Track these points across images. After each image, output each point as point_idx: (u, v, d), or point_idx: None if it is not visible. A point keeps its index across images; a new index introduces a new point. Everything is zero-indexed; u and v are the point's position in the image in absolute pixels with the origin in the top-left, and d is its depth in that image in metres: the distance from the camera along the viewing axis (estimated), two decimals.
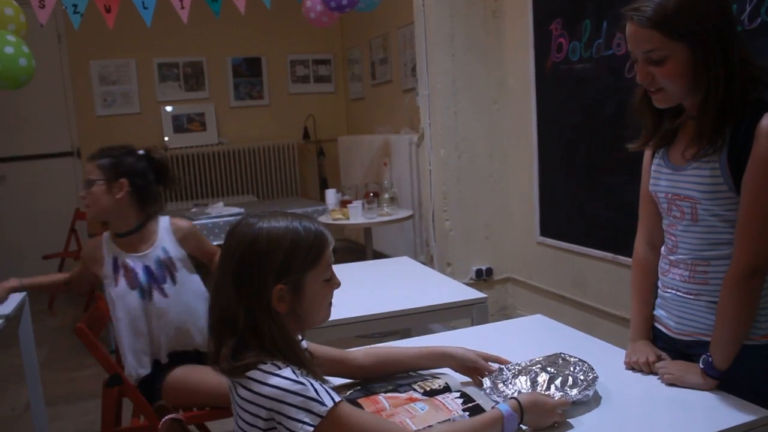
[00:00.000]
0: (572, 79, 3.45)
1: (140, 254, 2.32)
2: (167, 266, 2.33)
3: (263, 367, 1.14)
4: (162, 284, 2.30)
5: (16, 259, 5.90)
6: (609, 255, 3.27)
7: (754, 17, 2.37)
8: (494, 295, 4.23)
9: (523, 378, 1.45)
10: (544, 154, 3.80)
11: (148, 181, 2.31)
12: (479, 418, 1.27)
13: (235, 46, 6.70)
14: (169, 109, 6.61)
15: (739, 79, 1.38)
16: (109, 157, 2.26)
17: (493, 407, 1.30)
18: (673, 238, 1.56)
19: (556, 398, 1.36)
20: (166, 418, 1.35)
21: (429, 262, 4.41)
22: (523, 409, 1.27)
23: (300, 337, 1.35)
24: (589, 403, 1.41)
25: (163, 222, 2.38)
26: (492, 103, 4.13)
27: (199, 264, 2.46)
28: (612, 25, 3.10)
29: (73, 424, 3.31)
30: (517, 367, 1.51)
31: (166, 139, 6.58)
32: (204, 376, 2.25)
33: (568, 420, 1.34)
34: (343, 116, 7.27)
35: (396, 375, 1.59)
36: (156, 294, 2.29)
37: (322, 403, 1.11)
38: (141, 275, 2.29)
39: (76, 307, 5.38)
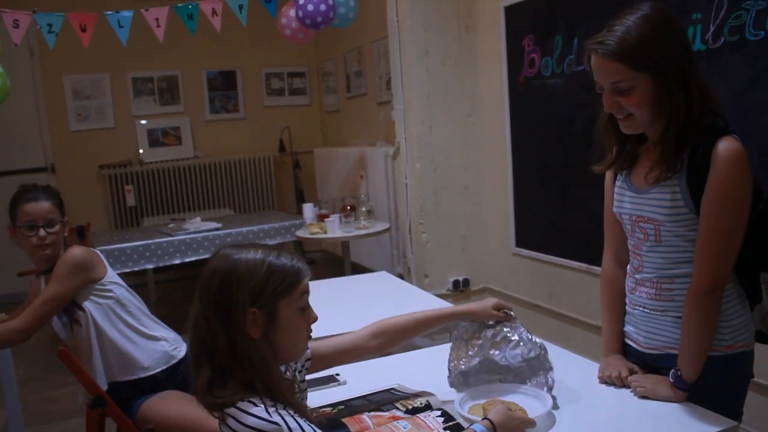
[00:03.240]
0: (545, 94, 3.52)
1: None
2: None
3: (240, 405, 1.16)
4: (73, 315, 2.27)
5: None
6: (583, 265, 3.35)
7: (718, 37, 2.46)
8: None
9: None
10: (518, 167, 3.87)
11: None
12: None
13: (209, 59, 6.70)
14: (144, 122, 6.59)
15: (696, 106, 1.45)
16: (56, 196, 2.25)
17: (467, 428, 1.33)
18: (638, 258, 1.62)
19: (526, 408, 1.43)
20: None
21: (406, 273, 4.45)
22: (495, 428, 1.31)
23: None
24: (562, 416, 1.47)
25: None
26: (467, 117, 4.20)
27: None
28: (583, 42, 3.17)
29: None
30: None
31: (141, 152, 6.56)
32: (169, 412, 2.21)
33: None
34: (319, 128, 7.31)
35: (379, 392, 1.64)
36: (75, 324, 2.27)
37: None
38: None
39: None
